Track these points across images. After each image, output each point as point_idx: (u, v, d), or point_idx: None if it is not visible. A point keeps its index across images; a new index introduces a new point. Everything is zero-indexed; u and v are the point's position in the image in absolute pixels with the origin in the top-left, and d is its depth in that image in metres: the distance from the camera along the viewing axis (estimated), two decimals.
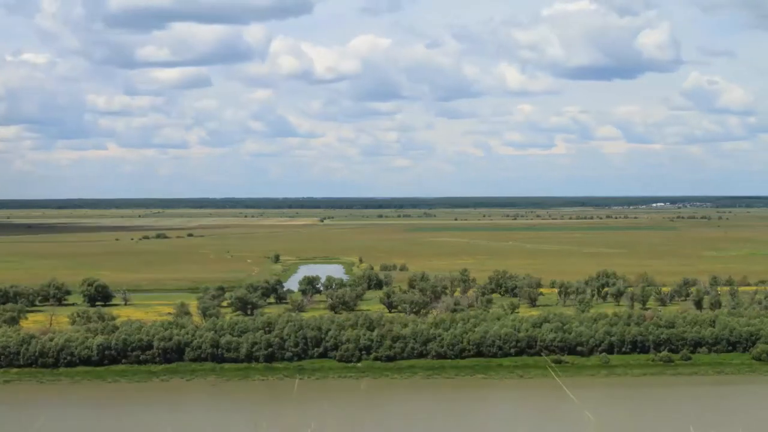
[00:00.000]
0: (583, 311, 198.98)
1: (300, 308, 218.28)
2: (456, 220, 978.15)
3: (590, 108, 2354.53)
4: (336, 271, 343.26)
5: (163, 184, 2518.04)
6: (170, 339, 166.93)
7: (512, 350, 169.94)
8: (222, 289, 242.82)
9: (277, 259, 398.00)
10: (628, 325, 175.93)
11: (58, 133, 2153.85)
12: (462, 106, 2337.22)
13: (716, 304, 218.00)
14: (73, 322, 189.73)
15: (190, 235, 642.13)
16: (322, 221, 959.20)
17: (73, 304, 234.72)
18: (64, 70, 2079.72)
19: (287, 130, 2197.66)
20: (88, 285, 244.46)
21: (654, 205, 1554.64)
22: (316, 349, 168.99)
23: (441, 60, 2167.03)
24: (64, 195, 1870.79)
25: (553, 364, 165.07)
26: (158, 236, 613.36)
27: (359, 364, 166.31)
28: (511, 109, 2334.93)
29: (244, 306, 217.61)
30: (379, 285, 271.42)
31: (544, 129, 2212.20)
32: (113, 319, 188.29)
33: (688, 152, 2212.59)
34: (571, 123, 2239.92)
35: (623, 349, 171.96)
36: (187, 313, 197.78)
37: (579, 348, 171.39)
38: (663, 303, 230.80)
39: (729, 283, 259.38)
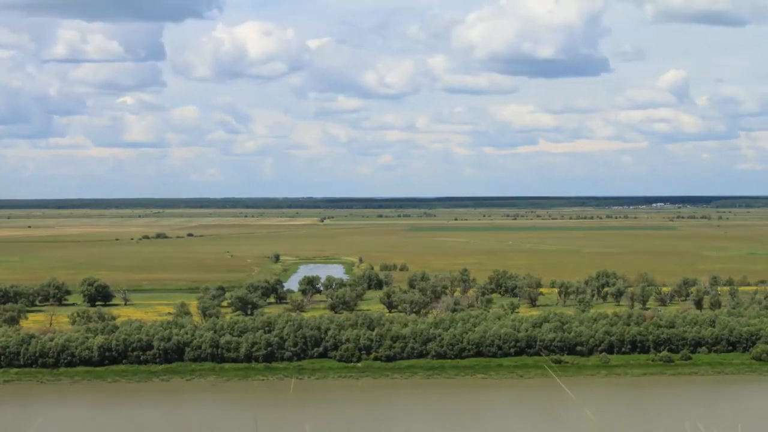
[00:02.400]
0: (583, 311, 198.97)
1: (300, 308, 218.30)
2: (456, 220, 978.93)
3: (548, 106, 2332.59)
4: (336, 271, 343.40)
5: (152, 183, 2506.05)
6: (170, 339, 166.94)
7: (512, 350, 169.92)
8: (222, 289, 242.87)
9: (277, 259, 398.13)
10: (628, 325, 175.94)
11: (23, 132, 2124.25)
12: (415, 103, 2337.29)
13: (716, 304, 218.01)
14: (73, 322, 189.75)
15: (190, 235, 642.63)
16: (322, 221, 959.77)
17: (73, 304, 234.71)
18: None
19: (255, 129, 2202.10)
20: (88, 285, 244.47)
21: (654, 205, 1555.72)
22: (315, 348, 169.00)
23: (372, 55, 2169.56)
24: (47, 195, 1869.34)
25: (552, 364, 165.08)
26: (158, 236, 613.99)
27: (359, 364, 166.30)
28: (472, 106, 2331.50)
29: (244, 306, 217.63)
30: (379, 285, 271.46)
31: (521, 128, 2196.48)
32: (113, 319, 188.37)
33: (669, 151, 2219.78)
34: (540, 122, 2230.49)
35: (623, 349, 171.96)
36: (187, 313, 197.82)
37: (579, 348, 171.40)
38: (663, 303, 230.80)
39: (729, 283, 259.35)
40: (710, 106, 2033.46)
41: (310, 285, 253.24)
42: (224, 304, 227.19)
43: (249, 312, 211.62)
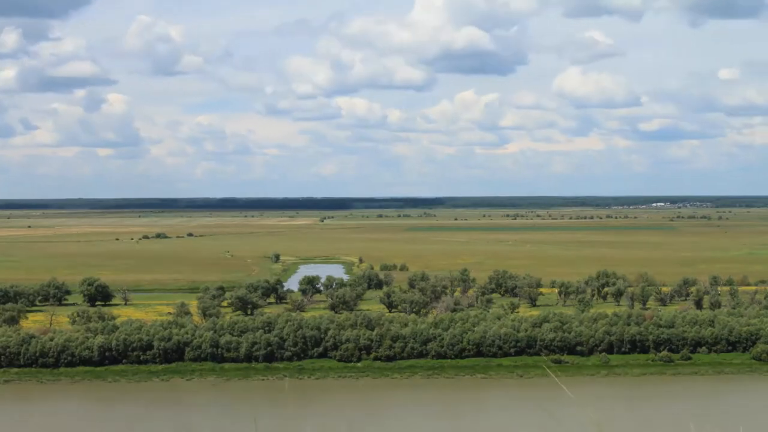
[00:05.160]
0: (583, 311, 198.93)
1: (300, 308, 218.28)
2: (456, 219, 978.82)
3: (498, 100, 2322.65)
4: (336, 271, 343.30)
5: (132, 184, 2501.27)
6: (170, 339, 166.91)
7: (512, 350, 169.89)
8: (222, 289, 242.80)
9: (277, 259, 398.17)
10: (628, 325, 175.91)
11: None
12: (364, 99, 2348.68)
13: (716, 304, 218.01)
14: (73, 322, 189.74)
15: (190, 234, 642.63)
16: (322, 221, 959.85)
17: (73, 304, 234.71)
18: None
19: (221, 130, 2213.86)
20: (88, 285, 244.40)
21: (654, 204, 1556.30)
22: (315, 348, 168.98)
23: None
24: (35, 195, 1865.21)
25: (552, 364, 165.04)
26: (158, 236, 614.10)
27: (359, 364, 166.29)
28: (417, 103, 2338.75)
29: (244, 306, 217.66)
30: (379, 285, 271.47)
31: (491, 126, 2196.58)
32: (113, 319, 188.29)
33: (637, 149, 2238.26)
34: (512, 119, 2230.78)
35: (623, 349, 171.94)
36: (187, 313, 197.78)
37: (579, 348, 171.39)
38: (663, 303, 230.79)
39: (729, 283, 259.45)
40: (653, 101, 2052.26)
41: (310, 285, 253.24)
42: (224, 304, 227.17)
43: (249, 312, 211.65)
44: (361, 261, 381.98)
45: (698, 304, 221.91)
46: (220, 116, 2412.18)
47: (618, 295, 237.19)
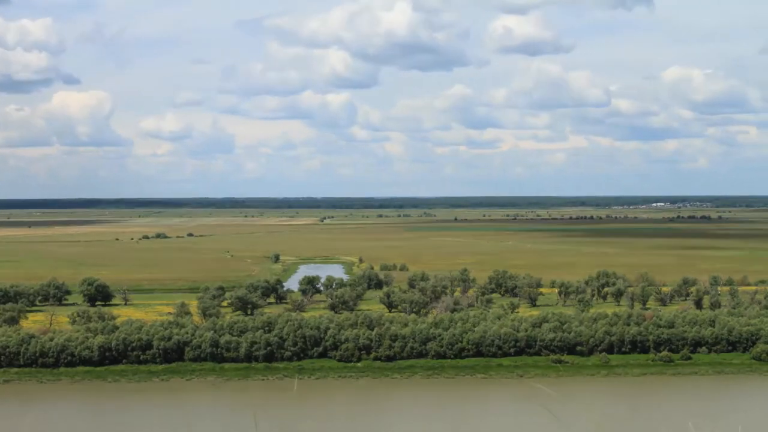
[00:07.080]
0: (583, 311, 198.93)
1: (300, 308, 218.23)
2: (456, 219, 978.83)
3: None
4: (336, 271, 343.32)
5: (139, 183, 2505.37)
6: (170, 339, 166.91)
7: (512, 350, 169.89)
8: (222, 289, 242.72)
9: (277, 259, 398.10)
10: (628, 324, 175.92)
11: None
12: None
13: (716, 304, 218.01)
14: (73, 322, 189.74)
15: (190, 234, 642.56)
16: (322, 221, 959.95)
17: (73, 304, 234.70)
18: None
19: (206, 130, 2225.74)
20: (88, 285, 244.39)
21: (654, 204, 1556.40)
22: (315, 348, 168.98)
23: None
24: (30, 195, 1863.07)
25: (552, 364, 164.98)
26: (158, 236, 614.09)
27: (359, 364, 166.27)
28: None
29: (244, 306, 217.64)
30: (379, 285, 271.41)
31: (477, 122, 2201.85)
32: (113, 318, 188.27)
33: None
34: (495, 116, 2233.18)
35: (623, 349, 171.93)
36: (187, 313, 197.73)
37: (579, 348, 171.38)
38: (663, 303, 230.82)
39: (729, 283, 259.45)
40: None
41: (310, 285, 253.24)
42: (224, 304, 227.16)
43: (249, 312, 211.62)
44: (361, 261, 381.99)
45: (698, 304, 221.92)
46: (197, 115, 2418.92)
47: (618, 295, 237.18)
